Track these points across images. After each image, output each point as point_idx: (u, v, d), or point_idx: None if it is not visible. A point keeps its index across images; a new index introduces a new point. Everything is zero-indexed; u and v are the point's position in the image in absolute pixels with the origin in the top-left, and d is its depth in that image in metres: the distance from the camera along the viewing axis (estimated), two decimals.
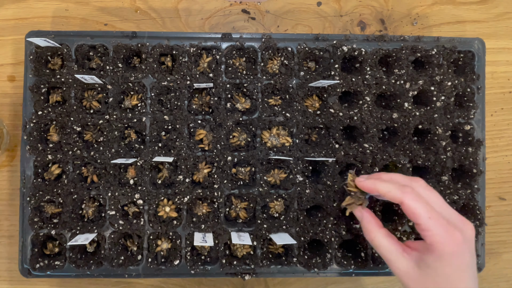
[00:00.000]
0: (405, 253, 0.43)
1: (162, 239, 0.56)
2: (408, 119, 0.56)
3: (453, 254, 0.40)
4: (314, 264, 0.55)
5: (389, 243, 0.44)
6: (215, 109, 0.56)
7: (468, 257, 0.41)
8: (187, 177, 0.55)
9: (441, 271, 0.41)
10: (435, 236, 0.41)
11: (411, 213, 0.42)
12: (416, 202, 0.41)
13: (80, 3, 0.62)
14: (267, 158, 0.55)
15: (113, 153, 0.55)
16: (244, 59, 0.58)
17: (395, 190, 0.43)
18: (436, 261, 0.41)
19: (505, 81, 0.65)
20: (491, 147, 0.64)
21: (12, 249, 0.60)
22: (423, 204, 0.41)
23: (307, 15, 0.64)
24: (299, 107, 0.56)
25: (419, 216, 0.41)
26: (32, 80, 0.55)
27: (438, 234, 0.40)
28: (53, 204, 0.56)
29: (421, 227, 0.41)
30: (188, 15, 0.63)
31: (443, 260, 0.40)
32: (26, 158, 0.55)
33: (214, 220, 0.55)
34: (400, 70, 0.57)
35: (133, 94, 0.57)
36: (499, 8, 0.65)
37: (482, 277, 0.63)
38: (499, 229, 0.63)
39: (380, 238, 0.45)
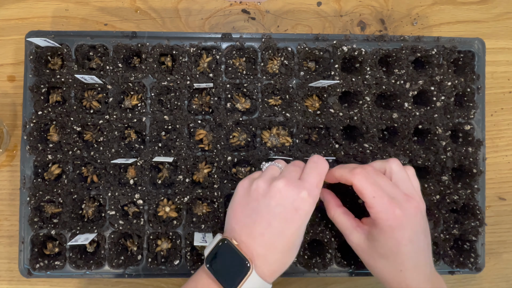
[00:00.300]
0: (358, 228, 0.48)
1: (162, 239, 0.56)
2: (408, 119, 0.56)
3: (393, 227, 0.44)
4: (314, 264, 0.55)
5: (345, 219, 0.49)
6: (215, 109, 0.56)
7: (408, 231, 0.44)
8: (187, 177, 0.55)
9: (384, 243, 0.45)
10: (378, 212, 0.44)
11: (359, 192, 0.46)
12: (363, 182, 0.45)
13: (80, 3, 0.62)
14: (267, 158, 0.55)
15: (113, 153, 0.55)
16: (244, 59, 0.58)
17: (346, 173, 0.47)
18: (380, 234, 0.45)
19: (505, 81, 0.65)
20: (491, 147, 0.64)
21: (12, 249, 0.60)
22: (369, 183, 0.45)
23: (307, 15, 0.64)
24: (299, 107, 0.56)
25: (365, 194, 0.45)
26: (32, 80, 0.55)
27: (380, 210, 0.44)
28: (53, 204, 0.56)
29: (367, 205, 0.45)
30: (188, 15, 0.63)
31: (385, 233, 0.44)
32: (26, 158, 0.55)
33: (214, 220, 0.55)
34: (400, 70, 0.57)
35: (133, 94, 0.57)
36: (499, 8, 0.65)
37: (482, 277, 0.63)
38: (499, 229, 0.63)
39: (338, 215, 0.49)
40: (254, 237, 0.43)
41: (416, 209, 0.45)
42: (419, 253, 0.45)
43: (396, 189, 0.46)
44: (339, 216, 0.49)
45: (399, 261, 0.45)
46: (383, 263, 0.46)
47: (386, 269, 0.46)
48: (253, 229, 0.43)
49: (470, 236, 0.56)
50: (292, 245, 0.44)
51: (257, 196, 0.44)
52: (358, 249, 0.48)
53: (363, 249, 0.47)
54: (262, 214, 0.43)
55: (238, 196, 0.46)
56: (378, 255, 0.46)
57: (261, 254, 0.43)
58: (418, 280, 0.45)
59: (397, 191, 0.46)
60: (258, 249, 0.43)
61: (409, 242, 0.44)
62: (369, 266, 0.48)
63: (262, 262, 0.42)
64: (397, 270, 0.45)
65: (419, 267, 0.45)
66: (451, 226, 0.56)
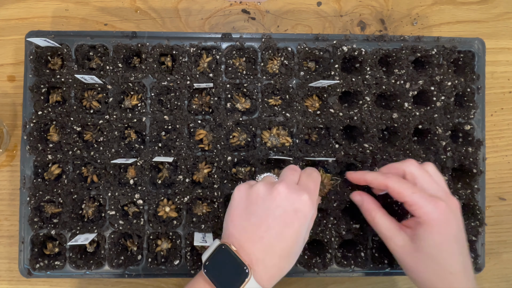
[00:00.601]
0: (401, 230, 0.46)
1: (162, 239, 0.56)
2: (408, 119, 0.56)
3: (440, 221, 0.43)
4: (314, 264, 0.55)
5: (387, 221, 0.48)
6: (215, 109, 0.56)
7: (455, 228, 0.44)
8: (187, 177, 0.55)
9: (431, 240, 0.43)
10: (421, 208, 0.44)
11: (396, 194, 0.45)
12: (398, 183, 0.45)
13: (80, 3, 0.62)
14: (267, 158, 0.55)
15: (113, 153, 0.55)
16: (244, 59, 0.58)
17: (379, 177, 0.47)
18: (426, 231, 0.44)
19: (505, 81, 0.65)
20: (491, 147, 0.64)
21: (12, 249, 0.60)
22: (404, 182, 0.45)
23: (307, 15, 0.64)
24: (299, 107, 0.56)
25: (403, 194, 0.44)
26: (32, 80, 0.55)
27: (423, 205, 0.43)
28: (53, 204, 0.56)
29: (408, 204, 0.44)
30: (188, 15, 0.63)
31: (431, 228, 0.43)
32: (26, 158, 0.55)
33: (214, 220, 0.55)
34: (400, 70, 0.57)
35: (133, 94, 0.57)
36: (499, 8, 0.65)
37: (482, 277, 0.63)
38: (499, 229, 0.63)
39: (380, 217, 0.48)
40: (254, 241, 0.43)
41: (458, 206, 0.45)
42: (466, 255, 0.44)
43: (437, 184, 0.46)
44: (380, 218, 0.48)
45: (448, 262, 0.43)
46: (431, 266, 0.44)
47: (435, 272, 0.44)
48: (252, 233, 0.43)
49: (470, 236, 0.56)
50: (290, 250, 0.44)
51: (256, 200, 0.44)
52: (403, 253, 0.46)
53: (408, 252, 0.45)
54: (262, 217, 0.43)
55: (236, 201, 0.46)
56: (425, 256, 0.44)
57: (260, 258, 0.42)
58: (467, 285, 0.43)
59: (439, 187, 0.46)
60: (257, 253, 0.42)
61: (456, 240, 0.43)
62: (413, 272, 0.46)
63: (260, 267, 0.42)
64: (447, 273, 0.43)
65: (468, 271, 0.44)
66: None
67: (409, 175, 0.47)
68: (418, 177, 0.46)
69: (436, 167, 0.48)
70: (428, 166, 0.48)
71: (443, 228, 0.43)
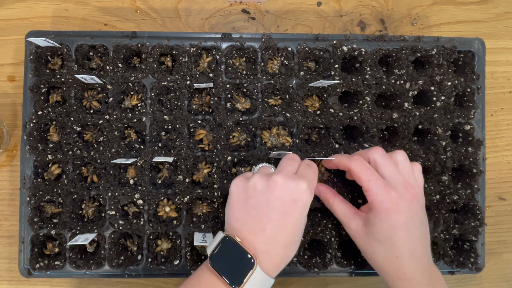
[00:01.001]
0: (356, 215, 0.49)
1: (162, 239, 0.56)
2: (408, 119, 0.56)
3: (388, 210, 0.45)
4: (314, 264, 0.55)
5: (343, 207, 0.50)
6: (215, 109, 0.56)
7: (404, 216, 0.45)
8: (187, 177, 0.55)
9: (379, 226, 0.45)
10: (374, 195, 0.45)
11: (355, 177, 0.47)
12: (359, 167, 0.47)
13: (80, 3, 0.62)
14: (267, 158, 0.55)
15: (113, 153, 0.55)
16: (244, 59, 0.58)
17: (345, 159, 0.49)
18: (375, 217, 0.46)
19: (505, 81, 0.65)
20: (491, 147, 0.64)
21: (12, 249, 0.60)
22: (365, 168, 0.47)
23: (307, 15, 0.64)
24: (299, 107, 0.56)
25: (361, 178, 0.46)
26: (32, 80, 0.55)
27: (376, 193, 0.45)
28: (53, 204, 0.56)
29: (364, 189, 0.47)
30: (188, 15, 0.63)
31: (380, 216, 0.45)
32: (26, 158, 0.55)
33: (214, 220, 0.55)
34: (400, 70, 0.57)
35: (133, 94, 0.57)
36: (499, 8, 0.65)
37: (482, 277, 0.63)
38: (499, 229, 0.63)
39: (336, 204, 0.50)
40: (256, 233, 0.43)
41: (413, 196, 0.46)
42: (415, 241, 0.45)
43: (398, 174, 0.47)
44: (338, 205, 0.50)
45: (395, 247, 0.45)
46: (380, 249, 0.46)
47: (382, 256, 0.46)
48: (253, 226, 0.44)
49: (470, 236, 0.57)
50: (293, 238, 0.45)
51: (254, 193, 0.45)
52: (356, 236, 0.48)
53: (360, 235, 0.48)
54: (261, 209, 0.44)
55: (234, 195, 0.46)
56: (374, 240, 0.46)
57: (264, 249, 0.43)
58: (415, 268, 0.45)
59: (398, 176, 0.46)
60: (261, 244, 0.43)
61: (405, 228, 0.45)
62: (366, 254, 0.48)
63: (265, 257, 0.43)
64: (393, 257, 0.45)
65: (415, 256, 0.45)
66: (451, 226, 0.56)
67: (372, 162, 0.48)
68: (380, 165, 0.47)
69: (407, 156, 0.49)
70: (397, 154, 0.48)
71: (391, 216, 0.45)
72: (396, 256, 0.45)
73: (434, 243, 0.57)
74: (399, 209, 0.45)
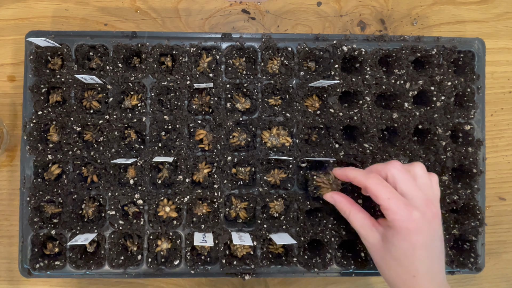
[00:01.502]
0: (374, 228, 0.47)
1: (162, 239, 0.56)
2: (408, 119, 0.56)
3: (409, 230, 0.44)
4: (314, 264, 0.55)
5: (362, 218, 0.48)
6: (215, 109, 0.56)
7: (424, 236, 0.44)
8: (187, 177, 0.55)
9: (398, 245, 0.44)
10: (394, 214, 0.44)
11: (373, 196, 0.45)
12: (377, 185, 0.45)
13: (80, 3, 0.62)
14: (267, 158, 0.55)
15: (113, 153, 0.55)
16: (244, 59, 0.58)
17: (360, 176, 0.47)
18: (394, 236, 0.44)
19: (505, 81, 0.65)
20: (491, 147, 0.64)
21: (12, 249, 0.60)
22: (383, 186, 0.45)
23: (307, 15, 0.64)
24: (299, 107, 0.56)
25: (380, 197, 0.45)
26: (32, 80, 0.55)
27: (396, 212, 0.44)
28: (53, 204, 0.56)
29: (383, 207, 0.45)
30: (188, 15, 0.63)
31: (400, 235, 0.44)
32: (26, 158, 0.55)
33: (214, 220, 0.55)
34: (400, 70, 0.57)
35: (133, 94, 0.57)
36: (499, 8, 0.65)
37: (482, 277, 0.63)
38: (499, 229, 0.63)
39: (354, 214, 0.48)
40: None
41: (435, 215, 0.45)
42: (433, 259, 0.45)
43: (418, 191, 0.45)
44: (355, 215, 0.48)
45: (413, 266, 0.44)
46: (396, 267, 0.45)
47: (398, 274, 0.45)
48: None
49: (470, 236, 0.56)
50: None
51: None
52: (373, 250, 0.47)
53: (377, 250, 0.47)
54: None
55: None
56: (391, 258, 0.45)
57: None
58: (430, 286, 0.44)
59: (419, 194, 0.45)
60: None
61: (424, 248, 0.44)
62: (381, 269, 0.47)
63: None
64: (410, 276, 0.44)
65: (432, 274, 0.44)
66: (451, 226, 0.56)
67: (390, 178, 0.46)
68: (399, 181, 0.45)
69: (425, 168, 0.47)
70: (416, 168, 0.47)
71: (412, 237, 0.44)
72: (413, 275, 0.44)
73: None
74: (420, 229, 0.44)
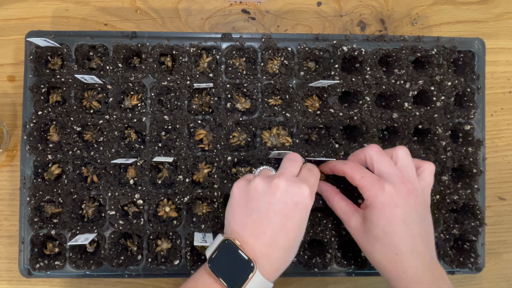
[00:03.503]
0: (356, 212, 0.48)
1: (162, 239, 0.56)
2: (408, 119, 0.56)
3: (383, 204, 0.44)
4: (314, 264, 0.55)
5: (344, 205, 0.49)
6: (215, 109, 0.56)
7: (401, 211, 0.44)
8: (187, 177, 0.55)
9: (376, 222, 0.45)
10: (368, 190, 0.45)
11: (350, 179, 0.47)
12: (351, 169, 0.47)
13: (80, 3, 0.62)
14: (267, 158, 0.55)
15: (113, 153, 0.55)
16: (244, 59, 0.58)
17: (338, 164, 0.49)
18: (372, 212, 0.45)
19: (505, 81, 0.65)
20: (491, 147, 0.64)
21: (12, 249, 0.60)
22: (357, 168, 0.47)
23: (307, 15, 0.64)
24: (299, 107, 0.56)
25: (355, 177, 0.46)
26: (32, 80, 0.55)
27: (370, 188, 0.45)
28: (53, 204, 0.56)
29: (359, 187, 0.46)
30: (188, 15, 0.63)
31: (376, 211, 0.45)
32: (26, 158, 0.55)
33: (214, 220, 0.55)
34: (400, 70, 0.57)
35: (133, 94, 0.57)
36: (499, 8, 0.65)
37: (482, 277, 0.63)
38: (499, 229, 0.63)
39: (337, 202, 0.50)
40: (256, 236, 0.43)
41: (410, 191, 0.45)
42: (415, 237, 0.44)
43: (394, 169, 0.46)
44: (338, 202, 0.50)
45: (393, 243, 0.44)
46: (378, 247, 0.45)
47: (382, 254, 0.45)
48: (254, 228, 0.43)
49: (470, 236, 0.56)
50: (293, 242, 0.44)
51: (256, 195, 0.44)
52: (356, 234, 0.48)
53: (359, 232, 0.47)
54: (263, 212, 0.43)
55: (235, 197, 0.46)
56: (373, 237, 0.45)
57: (264, 253, 0.43)
58: (416, 267, 0.43)
59: (395, 171, 0.46)
60: (261, 248, 0.43)
61: (402, 222, 0.44)
62: (366, 253, 0.47)
63: (264, 261, 0.42)
64: (393, 253, 0.44)
65: (416, 253, 0.44)
66: (451, 226, 0.56)
67: (368, 160, 0.48)
68: (375, 161, 0.47)
69: (408, 152, 0.48)
70: (398, 150, 0.48)
71: (388, 211, 0.44)
72: (395, 253, 0.44)
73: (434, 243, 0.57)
74: (395, 202, 0.44)
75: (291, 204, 0.43)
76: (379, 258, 0.46)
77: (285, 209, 0.43)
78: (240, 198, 0.46)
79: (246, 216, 0.44)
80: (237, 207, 0.45)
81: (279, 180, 0.44)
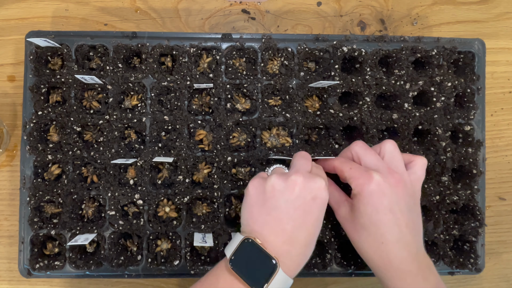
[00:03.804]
0: (346, 202, 0.49)
1: (162, 239, 0.56)
2: (408, 119, 0.56)
3: (370, 192, 0.44)
4: (314, 264, 0.55)
5: (336, 195, 0.50)
6: (215, 110, 0.56)
7: (388, 200, 0.44)
8: (187, 177, 0.55)
9: (363, 210, 0.45)
10: (356, 179, 0.46)
11: (339, 172, 0.48)
12: (341, 163, 0.48)
13: (80, 3, 0.62)
14: (267, 158, 0.55)
15: (113, 153, 0.55)
16: (244, 59, 0.58)
17: (328, 160, 0.50)
18: (359, 201, 0.45)
19: (505, 81, 0.65)
20: (491, 147, 0.64)
21: (12, 249, 0.60)
22: (346, 161, 0.48)
23: (307, 15, 0.64)
24: (299, 108, 0.56)
25: (344, 170, 0.47)
26: (32, 80, 0.55)
27: (358, 177, 0.45)
28: (53, 204, 0.56)
29: (347, 178, 0.47)
30: (188, 15, 0.63)
31: (363, 199, 0.45)
32: (26, 158, 0.55)
33: (214, 220, 0.55)
34: (400, 71, 0.57)
35: (133, 94, 0.57)
36: (499, 8, 0.65)
37: (482, 277, 0.63)
38: (499, 229, 0.63)
39: (331, 192, 0.50)
40: (277, 233, 0.43)
41: (398, 181, 0.45)
42: (401, 226, 0.44)
43: (381, 162, 0.47)
44: (331, 192, 0.50)
45: (380, 232, 0.44)
46: (365, 236, 0.45)
47: (368, 243, 0.45)
48: (274, 226, 0.43)
49: (470, 236, 0.57)
50: (313, 237, 0.44)
51: (274, 193, 0.44)
52: (344, 223, 0.48)
53: (348, 222, 0.48)
54: (282, 209, 0.43)
55: (252, 197, 0.46)
56: (360, 226, 0.46)
57: (285, 250, 0.42)
58: (401, 256, 0.44)
59: (381, 163, 0.46)
60: (282, 245, 0.43)
61: (389, 211, 0.44)
62: (353, 242, 0.48)
63: (286, 258, 0.42)
64: (379, 243, 0.44)
65: (402, 243, 0.44)
66: (451, 227, 0.56)
67: (355, 156, 0.49)
68: (362, 156, 0.48)
69: (396, 145, 0.48)
70: (385, 145, 0.48)
71: (375, 200, 0.44)
72: (381, 242, 0.44)
73: (434, 243, 0.57)
74: (382, 191, 0.44)
75: (310, 199, 0.43)
76: (365, 247, 0.46)
77: (304, 204, 0.43)
78: (257, 196, 0.45)
79: (265, 215, 0.44)
80: (254, 206, 0.45)
81: (296, 176, 0.44)
